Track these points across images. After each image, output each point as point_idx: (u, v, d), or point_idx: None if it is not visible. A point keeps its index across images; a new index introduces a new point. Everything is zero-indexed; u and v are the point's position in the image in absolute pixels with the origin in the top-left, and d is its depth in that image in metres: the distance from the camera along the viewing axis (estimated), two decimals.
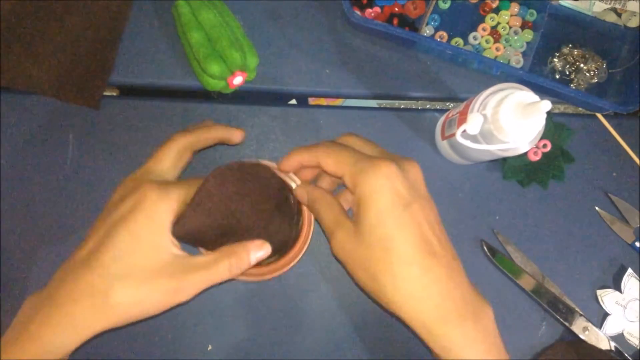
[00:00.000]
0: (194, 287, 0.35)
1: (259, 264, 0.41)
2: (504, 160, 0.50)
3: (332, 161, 0.36)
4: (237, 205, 0.38)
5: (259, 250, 0.38)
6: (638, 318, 0.49)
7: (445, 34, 0.53)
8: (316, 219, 0.39)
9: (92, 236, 0.34)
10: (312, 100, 0.57)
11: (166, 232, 0.34)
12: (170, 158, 0.38)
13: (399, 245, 0.32)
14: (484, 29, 0.53)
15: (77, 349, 0.33)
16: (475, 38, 0.53)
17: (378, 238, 0.32)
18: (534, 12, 0.53)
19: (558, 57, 0.54)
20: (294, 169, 0.40)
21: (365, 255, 0.33)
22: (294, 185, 0.42)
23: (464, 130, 0.40)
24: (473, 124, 0.39)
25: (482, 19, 0.53)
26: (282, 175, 0.42)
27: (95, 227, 0.35)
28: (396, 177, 0.33)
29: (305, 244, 0.44)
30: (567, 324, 0.48)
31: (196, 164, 0.49)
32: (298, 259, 0.44)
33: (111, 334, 0.47)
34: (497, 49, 0.53)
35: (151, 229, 0.33)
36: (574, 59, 0.53)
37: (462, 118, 0.41)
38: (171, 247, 0.34)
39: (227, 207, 0.37)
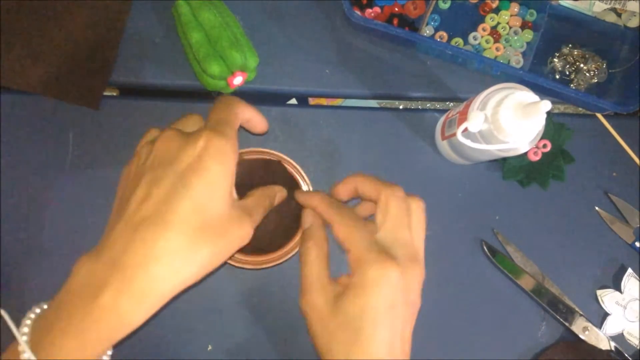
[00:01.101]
0: (255, 220, 0.35)
1: (259, 253, 0.43)
2: (504, 160, 0.50)
3: (343, 234, 0.36)
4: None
5: (282, 192, 0.41)
6: (638, 318, 0.49)
7: (445, 34, 0.53)
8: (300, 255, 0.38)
9: (151, 191, 0.30)
10: (312, 100, 0.57)
11: (232, 176, 0.32)
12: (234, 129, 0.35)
13: (370, 343, 0.32)
14: (484, 29, 0.53)
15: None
16: (475, 38, 0.53)
17: (354, 327, 0.33)
18: (534, 12, 0.53)
19: (558, 57, 0.54)
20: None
21: (335, 328, 0.33)
22: (302, 184, 0.45)
23: (465, 129, 0.40)
24: (474, 121, 0.39)
25: (482, 19, 0.54)
26: (291, 170, 0.45)
27: (150, 180, 0.31)
28: (396, 284, 0.33)
29: None
30: (567, 324, 0.48)
31: None
32: (296, 250, 0.44)
33: None
34: (497, 49, 0.53)
35: (224, 174, 0.32)
36: (574, 59, 0.53)
37: (462, 118, 0.41)
38: (233, 192, 0.33)
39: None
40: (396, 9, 0.53)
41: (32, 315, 0.31)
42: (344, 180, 0.40)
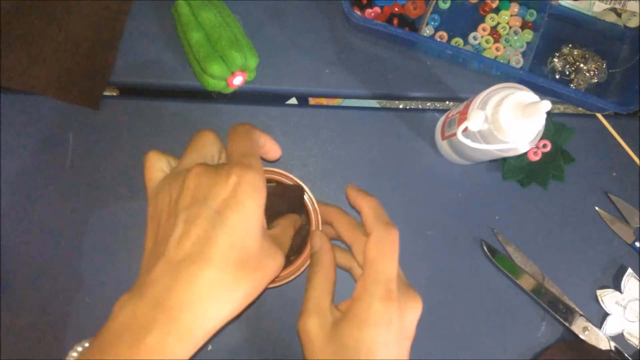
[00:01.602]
0: (284, 248, 0.36)
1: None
2: (504, 160, 0.50)
3: (372, 256, 0.36)
4: None
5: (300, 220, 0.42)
6: (638, 318, 0.49)
7: (445, 34, 0.53)
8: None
9: (190, 230, 0.30)
10: (312, 100, 0.57)
11: (263, 204, 0.32)
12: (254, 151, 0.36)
13: None
14: (484, 29, 0.53)
15: None
16: (475, 38, 0.53)
17: (348, 358, 0.33)
18: (534, 12, 0.53)
19: (558, 57, 0.54)
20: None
21: (329, 355, 0.34)
22: (313, 219, 0.43)
23: (466, 128, 0.40)
24: (475, 120, 0.39)
25: (482, 19, 0.54)
26: (308, 202, 0.44)
27: (186, 219, 0.31)
28: (395, 323, 0.34)
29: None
30: (567, 324, 0.48)
31: None
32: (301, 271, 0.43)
33: None
34: (497, 49, 0.53)
35: (258, 208, 0.32)
36: (574, 59, 0.53)
37: (462, 118, 0.41)
38: (264, 224, 0.34)
39: None
40: (396, 9, 0.53)
41: (75, 354, 0.31)
42: (323, 207, 0.42)
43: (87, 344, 0.32)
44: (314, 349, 0.35)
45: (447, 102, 0.54)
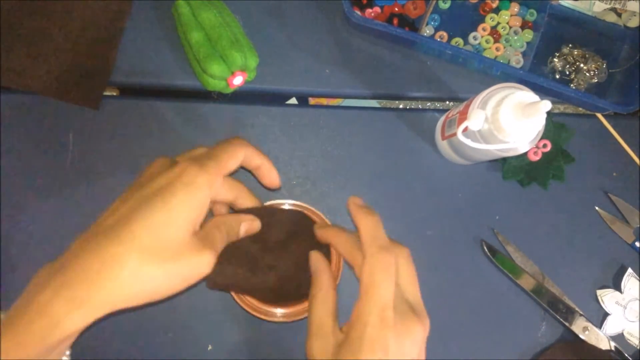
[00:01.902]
0: (217, 249, 0.34)
1: (289, 304, 0.42)
2: (504, 160, 0.50)
3: (367, 281, 0.35)
4: (257, 247, 0.39)
5: (251, 223, 0.39)
6: (638, 318, 0.49)
7: (445, 34, 0.53)
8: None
9: (119, 207, 0.31)
10: (312, 100, 0.57)
11: (201, 205, 0.33)
12: (230, 167, 0.36)
13: None
14: (484, 29, 0.53)
15: (84, 333, 0.31)
16: (475, 38, 0.53)
17: None
18: (534, 12, 0.53)
19: (558, 57, 0.54)
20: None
21: None
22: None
23: (466, 128, 0.40)
24: (475, 119, 0.39)
25: (482, 19, 0.54)
26: (308, 213, 0.43)
27: (122, 197, 0.32)
28: (392, 350, 0.33)
29: (336, 280, 0.42)
30: (567, 324, 0.48)
31: None
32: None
33: (111, 333, 0.47)
34: (497, 49, 0.53)
35: (188, 203, 0.32)
36: (574, 59, 0.53)
37: (462, 118, 0.41)
38: (197, 224, 0.33)
39: (248, 251, 0.39)
40: (396, 9, 0.53)
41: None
42: (321, 230, 0.41)
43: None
44: None
45: (447, 103, 0.54)
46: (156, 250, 0.30)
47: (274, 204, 0.44)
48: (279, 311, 0.43)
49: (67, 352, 0.33)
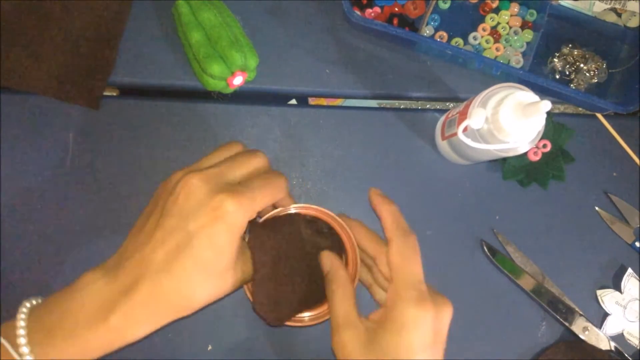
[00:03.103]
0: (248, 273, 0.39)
1: (309, 308, 0.42)
2: (504, 160, 0.50)
3: (397, 262, 0.38)
4: (284, 259, 0.40)
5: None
6: (638, 318, 0.49)
7: (445, 34, 0.53)
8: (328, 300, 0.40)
9: (168, 241, 0.34)
10: (312, 100, 0.57)
11: (240, 236, 0.36)
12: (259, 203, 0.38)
13: None
14: (484, 29, 0.53)
15: None
16: (475, 38, 0.53)
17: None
18: (534, 12, 0.53)
19: (558, 57, 0.54)
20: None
21: None
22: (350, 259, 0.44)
23: (466, 127, 0.40)
24: (476, 118, 0.39)
25: (482, 19, 0.54)
26: (322, 216, 0.44)
27: (170, 231, 0.34)
28: (432, 326, 0.35)
29: (354, 281, 0.43)
30: (567, 324, 0.48)
31: None
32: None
33: None
34: (497, 49, 0.53)
35: (230, 239, 0.35)
36: (574, 59, 0.53)
37: (462, 118, 0.41)
38: (236, 249, 0.36)
39: (276, 264, 0.40)
40: (396, 9, 0.53)
41: (25, 310, 0.34)
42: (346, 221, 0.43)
43: (34, 302, 0.35)
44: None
45: (447, 104, 0.54)
46: (205, 280, 0.34)
47: (288, 208, 0.43)
48: (306, 315, 0.43)
49: None
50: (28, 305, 0.34)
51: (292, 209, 0.43)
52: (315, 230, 0.43)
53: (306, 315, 0.42)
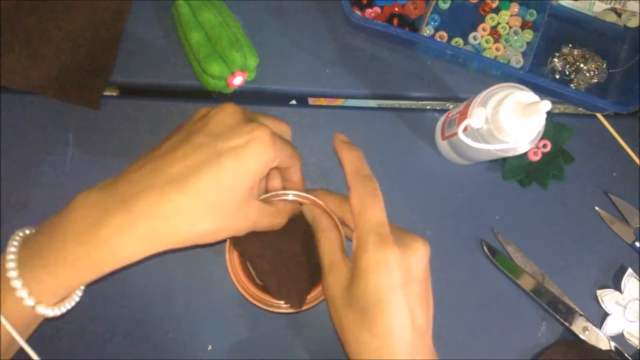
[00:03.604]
0: (257, 226, 0.36)
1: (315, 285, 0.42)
2: (504, 160, 0.50)
3: (358, 207, 0.37)
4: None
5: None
6: (638, 318, 0.49)
7: (445, 34, 0.53)
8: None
9: (190, 155, 0.32)
10: (312, 100, 0.57)
11: (262, 174, 0.34)
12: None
13: (375, 323, 0.33)
14: (484, 29, 0.53)
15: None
16: (475, 38, 0.53)
17: (360, 308, 0.34)
18: (534, 12, 0.53)
19: (558, 57, 0.54)
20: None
21: (345, 308, 0.35)
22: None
23: (466, 127, 0.40)
24: (477, 117, 0.39)
25: (482, 19, 0.54)
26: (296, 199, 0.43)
27: (194, 145, 0.32)
28: (395, 266, 0.34)
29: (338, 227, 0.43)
30: (567, 324, 0.48)
31: None
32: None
33: (110, 334, 0.47)
34: (497, 49, 0.53)
35: (255, 170, 0.33)
36: (574, 59, 0.53)
37: (463, 118, 0.41)
38: (256, 187, 0.35)
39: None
40: (396, 9, 0.53)
41: (17, 238, 0.32)
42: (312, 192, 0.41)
43: (27, 232, 0.33)
44: (334, 305, 0.36)
45: (447, 104, 0.54)
46: (217, 207, 0.32)
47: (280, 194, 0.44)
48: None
49: (82, 288, 0.34)
50: (21, 234, 0.32)
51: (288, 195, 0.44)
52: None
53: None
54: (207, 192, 0.31)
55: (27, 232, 0.33)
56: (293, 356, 0.48)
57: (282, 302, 0.41)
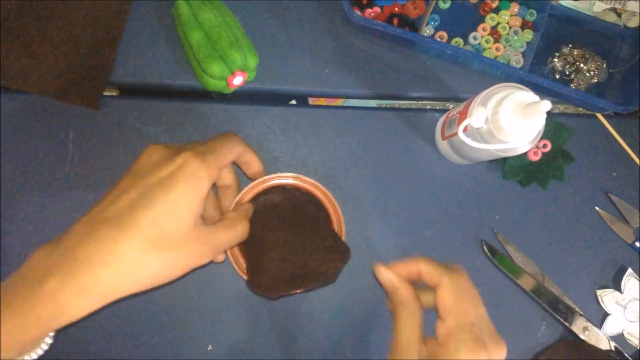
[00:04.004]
0: (218, 246, 0.36)
1: (305, 280, 0.42)
2: (504, 160, 0.50)
3: (450, 302, 0.35)
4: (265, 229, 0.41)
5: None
6: (638, 318, 0.49)
7: (445, 34, 0.53)
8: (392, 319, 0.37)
9: (121, 196, 0.32)
10: (312, 100, 0.57)
11: (201, 197, 0.34)
12: (227, 161, 0.38)
13: None
14: (484, 29, 0.53)
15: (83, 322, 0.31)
16: (475, 38, 0.53)
17: None
18: (534, 12, 0.53)
19: (558, 57, 0.54)
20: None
21: None
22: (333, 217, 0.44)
23: (466, 127, 0.40)
24: (477, 116, 0.39)
25: (482, 19, 0.53)
26: (295, 183, 0.44)
27: (123, 187, 0.33)
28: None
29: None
30: (567, 324, 0.48)
31: None
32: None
33: (110, 333, 0.47)
34: (497, 49, 0.53)
35: (190, 194, 0.33)
36: (574, 59, 0.53)
37: (463, 118, 0.41)
38: (199, 215, 0.34)
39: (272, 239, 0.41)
40: (396, 9, 0.53)
41: None
42: (407, 261, 0.38)
43: None
44: None
45: (447, 104, 0.54)
46: (158, 240, 0.31)
47: (274, 177, 0.44)
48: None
49: (51, 334, 0.33)
50: None
51: (287, 177, 0.44)
52: (287, 197, 0.44)
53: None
54: (145, 227, 0.31)
55: None
56: (293, 356, 0.48)
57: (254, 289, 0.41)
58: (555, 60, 0.54)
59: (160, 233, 0.31)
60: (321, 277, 0.41)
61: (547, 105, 0.35)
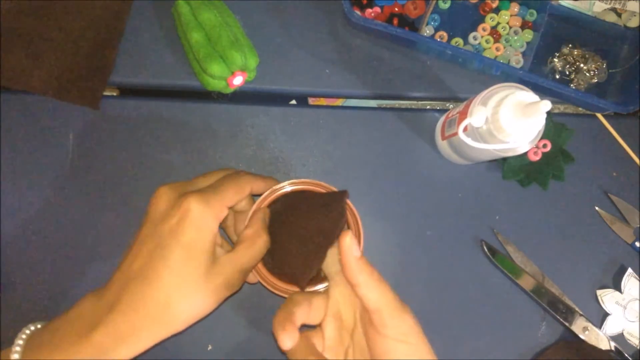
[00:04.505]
0: (243, 270, 0.37)
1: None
2: (504, 160, 0.50)
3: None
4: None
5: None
6: (638, 318, 0.49)
7: (445, 34, 0.53)
8: None
9: (142, 250, 0.35)
10: (312, 100, 0.57)
11: (211, 237, 0.36)
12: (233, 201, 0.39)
13: None
14: (484, 29, 0.53)
15: None
16: (475, 38, 0.53)
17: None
18: (534, 12, 0.53)
19: (558, 57, 0.54)
20: None
21: None
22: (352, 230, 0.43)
23: (466, 127, 0.40)
24: (477, 116, 0.39)
25: (482, 19, 0.54)
26: (310, 187, 0.44)
27: (142, 240, 0.35)
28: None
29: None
30: (567, 324, 0.48)
31: (198, 165, 0.49)
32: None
33: None
34: (497, 49, 0.53)
35: (199, 237, 0.35)
36: (574, 59, 0.53)
37: (462, 118, 0.41)
38: (215, 248, 0.36)
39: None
40: (396, 9, 0.53)
41: (27, 331, 0.35)
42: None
43: (39, 325, 0.35)
44: None
45: (447, 104, 0.54)
46: (181, 286, 0.34)
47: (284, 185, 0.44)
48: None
49: None
50: (32, 328, 0.35)
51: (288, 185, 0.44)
52: (306, 201, 0.43)
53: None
54: (167, 277, 0.34)
55: (34, 327, 0.35)
56: None
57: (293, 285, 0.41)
58: (555, 60, 0.54)
59: (181, 279, 0.34)
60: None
61: (547, 105, 0.35)
